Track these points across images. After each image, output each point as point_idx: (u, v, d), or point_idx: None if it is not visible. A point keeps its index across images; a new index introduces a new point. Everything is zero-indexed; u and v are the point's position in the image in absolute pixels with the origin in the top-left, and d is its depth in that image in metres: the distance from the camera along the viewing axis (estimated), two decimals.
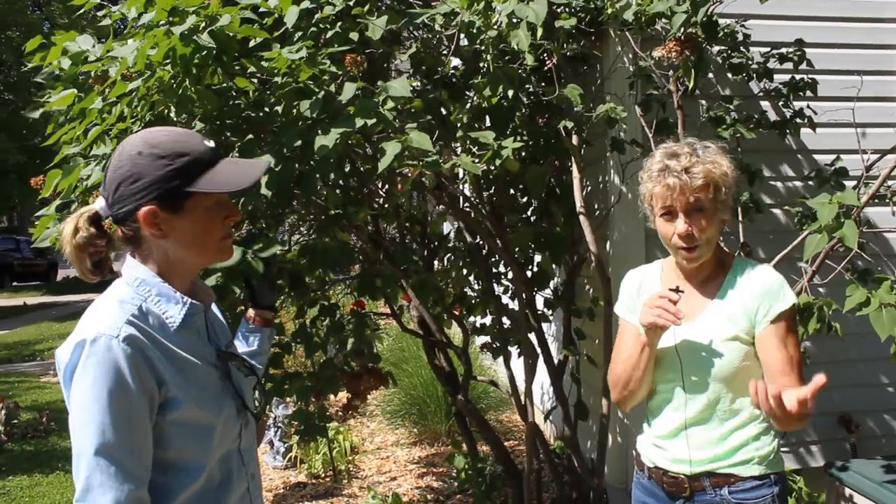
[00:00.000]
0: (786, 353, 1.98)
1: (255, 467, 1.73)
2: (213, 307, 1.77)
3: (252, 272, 2.04)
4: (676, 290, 1.97)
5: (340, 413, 3.00)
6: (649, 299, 2.00)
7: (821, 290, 3.39)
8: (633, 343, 2.11)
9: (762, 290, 1.99)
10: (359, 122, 2.11)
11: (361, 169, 3.00)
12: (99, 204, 1.58)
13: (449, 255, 4.14)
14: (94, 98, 2.40)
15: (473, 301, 4.06)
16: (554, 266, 3.80)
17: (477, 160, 2.50)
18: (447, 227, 4.87)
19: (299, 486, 5.17)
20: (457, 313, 4.07)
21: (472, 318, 5.14)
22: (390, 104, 2.22)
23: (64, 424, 6.80)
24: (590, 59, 3.92)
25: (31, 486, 5.41)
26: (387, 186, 3.40)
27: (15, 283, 23.09)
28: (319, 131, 2.13)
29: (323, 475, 5.31)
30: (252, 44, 2.63)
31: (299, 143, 2.17)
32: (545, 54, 3.29)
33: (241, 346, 1.97)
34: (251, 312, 2.01)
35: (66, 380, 1.45)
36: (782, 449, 3.97)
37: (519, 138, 3.02)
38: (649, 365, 2.10)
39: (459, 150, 2.88)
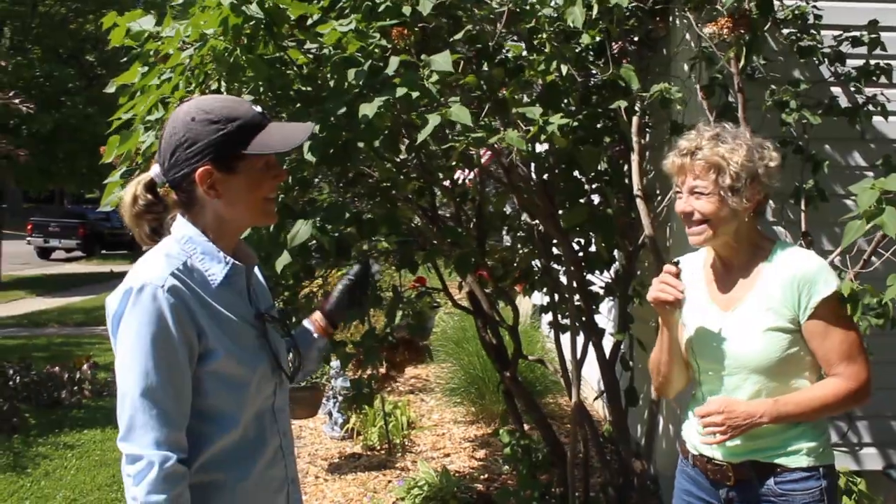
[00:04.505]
0: (833, 342, 1.95)
1: (286, 425, 1.79)
2: (257, 273, 1.85)
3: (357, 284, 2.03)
4: (675, 265, 2.00)
5: (376, 384, 3.05)
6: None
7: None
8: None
9: (802, 278, 1.95)
10: (400, 92, 2.15)
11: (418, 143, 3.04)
12: (154, 171, 1.68)
13: (511, 233, 4.16)
14: (154, 75, 2.52)
15: (535, 279, 4.07)
16: (617, 251, 3.78)
17: (524, 136, 2.50)
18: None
19: (354, 457, 5.29)
20: (518, 290, 4.09)
21: (526, 297, 5.15)
22: (435, 77, 2.25)
23: None
24: (659, 41, 3.86)
25: (104, 440, 5.70)
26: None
27: (104, 252, 24.15)
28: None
29: (378, 447, 5.41)
30: (310, 21, 2.69)
31: (343, 109, 2.22)
32: (608, 35, 3.26)
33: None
34: (317, 316, 2.00)
35: (114, 326, 1.56)
36: (841, 449, 3.89)
37: (574, 118, 3.02)
38: (672, 347, 2.10)
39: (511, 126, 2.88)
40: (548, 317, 4.34)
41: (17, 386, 6.33)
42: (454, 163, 2.97)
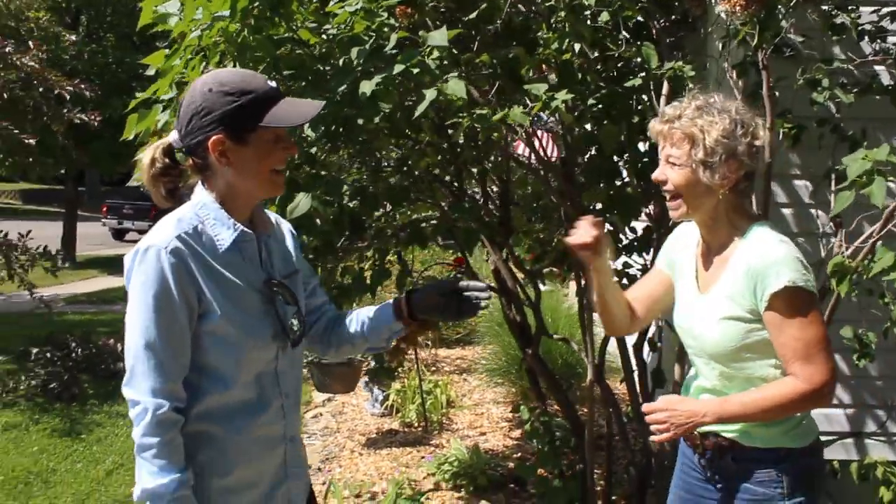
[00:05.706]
0: (787, 338, 1.87)
1: (290, 387, 1.87)
2: (287, 239, 1.94)
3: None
4: (597, 216, 2.03)
5: (389, 357, 3.11)
6: None
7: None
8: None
9: (755, 269, 1.89)
10: (399, 69, 2.20)
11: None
12: (172, 137, 1.80)
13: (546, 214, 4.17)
14: (176, 56, 2.63)
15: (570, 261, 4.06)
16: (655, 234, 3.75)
17: (528, 112, 2.52)
18: None
19: (391, 433, 5.40)
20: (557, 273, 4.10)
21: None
22: (436, 54, 2.29)
23: None
24: (696, 20, 3.80)
25: None
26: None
27: None
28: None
29: (416, 425, 5.50)
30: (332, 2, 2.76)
31: (344, 87, 2.28)
32: (647, 13, 3.22)
33: (369, 315, 1.99)
34: (402, 298, 1.96)
35: (127, 282, 1.70)
36: (879, 439, 3.79)
37: (591, 96, 3.01)
38: (603, 290, 2.12)
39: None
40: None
41: (77, 357, 6.64)
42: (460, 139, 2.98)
